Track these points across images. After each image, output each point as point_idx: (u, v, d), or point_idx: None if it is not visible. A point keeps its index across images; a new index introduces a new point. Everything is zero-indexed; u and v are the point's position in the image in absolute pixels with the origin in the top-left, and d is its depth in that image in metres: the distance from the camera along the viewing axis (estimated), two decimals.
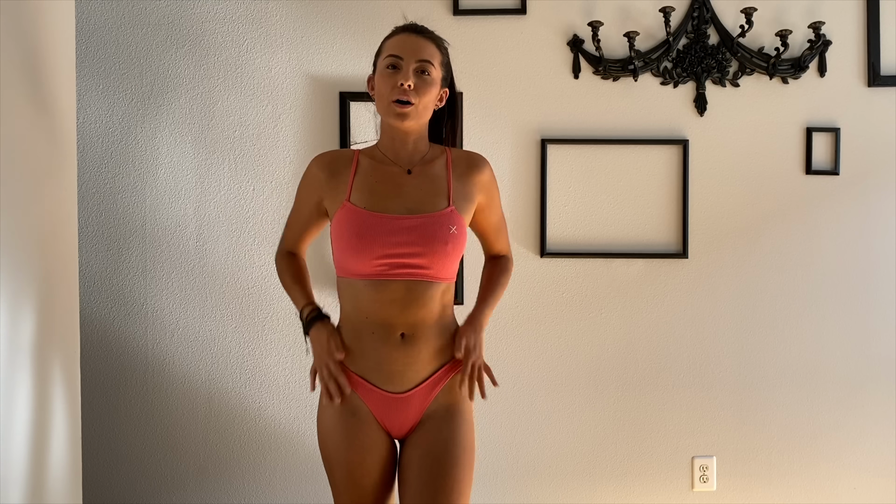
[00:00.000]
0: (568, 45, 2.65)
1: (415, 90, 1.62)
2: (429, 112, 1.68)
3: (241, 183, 2.66)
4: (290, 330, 2.67)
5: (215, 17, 2.65)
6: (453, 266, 1.66)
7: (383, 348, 1.63)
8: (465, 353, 1.65)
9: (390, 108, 1.63)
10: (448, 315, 1.70)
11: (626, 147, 2.65)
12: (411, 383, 1.64)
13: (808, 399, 2.68)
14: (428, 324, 1.64)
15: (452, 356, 1.68)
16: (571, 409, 2.69)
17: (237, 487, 2.68)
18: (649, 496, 2.68)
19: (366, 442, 1.65)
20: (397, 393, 1.64)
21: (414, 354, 1.63)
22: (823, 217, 2.66)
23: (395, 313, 1.62)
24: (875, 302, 2.66)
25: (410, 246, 1.61)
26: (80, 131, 2.59)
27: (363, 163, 1.70)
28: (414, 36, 1.66)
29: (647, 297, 2.67)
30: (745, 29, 2.53)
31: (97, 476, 2.65)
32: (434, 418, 1.65)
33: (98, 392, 2.66)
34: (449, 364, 1.68)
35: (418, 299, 1.62)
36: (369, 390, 1.65)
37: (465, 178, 1.70)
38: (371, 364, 1.65)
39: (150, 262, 2.66)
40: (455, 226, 1.64)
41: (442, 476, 1.61)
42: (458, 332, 1.69)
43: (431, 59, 1.65)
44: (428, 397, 1.66)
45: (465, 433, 1.66)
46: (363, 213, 1.63)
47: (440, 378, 1.67)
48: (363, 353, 1.65)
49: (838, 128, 2.63)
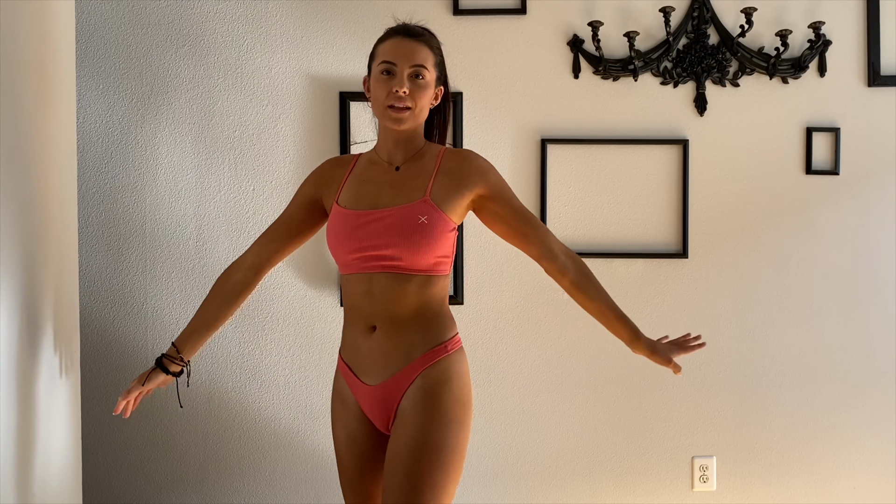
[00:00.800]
0: (568, 45, 2.65)
1: (410, 95, 1.64)
2: (425, 113, 1.70)
3: (241, 183, 2.66)
4: (290, 330, 2.67)
5: (215, 17, 2.65)
6: (428, 258, 1.61)
7: (359, 339, 1.66)
8: (669, 359, 1.74)
9: (386, 113, 1.65)
10: (433, 309, 1.65)
11: (626, 147, 2.65)
12: (383, 376, 1.63)
13: (808, 399, 2.68)
14: (402, 316, 1.62)
15: (427, 349, 1.62)
16: (571, 409, 2.69)
17: (237, 487, 2.68)
18: (649, 496, 2.68)
19: (350, 431, 1.70)
20: (371, 384, 1.65)
21: (384, 348, 1.62)
22: (823, 217, 2.66)
23: (366, 305, 1.64)
24: (875, 302, 2.66)
25: (379, 238, 1.62)
26: (80, 131, 2.59)
27: (359, 165, 1.75)
28: (407, 40, 1.67)
29: (647, 297, 2.67)
30: (745, 29, 2.53)
31: (97, 476, 2.65)
32: (405, 414, 1.61)
33: (98, 392, 2.66)
34: (421, 357, 1.62)
35: (389, 292, 1.62)
36: (352, 380, 1.69)
37: (453, 171, 1.67)
38: (354, 355, 1.69)
39: (150, 262, 2.66)
40: (425, 216, 1.60)
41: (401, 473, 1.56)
42: (659, 359, 1.74)
43: (425, 63, 1.66)
44: (399, 390, 1.62)
45: (435, 431, 1.58)
46: (343, 211, 1.68)
47: (411, 371, 1.62)
48: (348, 344, 1.70)
49: (838, 128, 2.63)
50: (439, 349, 1.64)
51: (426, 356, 1.62)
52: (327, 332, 2.65)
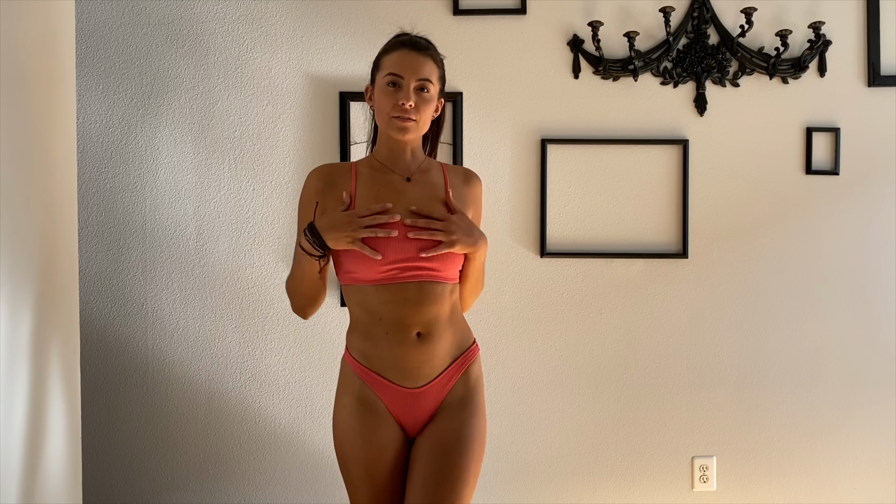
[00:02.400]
0: (568, 45, 2.65)
1: (416, 108, 1.67)
2: (427, 125, 1.74)
3: (241, 183, 2.66)
4: (290, 330, 2.67)
5: (215, 17, 2.65)
6: (458, 266, 1.72)
7: (399, 347, 1.67)
8: (448, 219, 1.65)
9: (392, 123, 1.69)
10: (457, 312, 1.75)
11: (626, 147, 2.65)
12: (427, 378, 1.68)
13: (809, 399, 2.68)
14: (441, 321, 1.69)
15: (464, 350, 1.74)
16: (571, 409, 2.69)
17: (237, 487, 2.68)
18: (649, 496, 2.68)
19: (383, 438, 1.68)
20: (414, 388, 1.68)
21: (430, 351, 1.68)
22: (823, 217, 2.66)
23: (410, 313, 1.65)
24: (875, 302, 2.66)
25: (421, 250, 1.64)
26: (80, 131, 2.60)
27: (362, 172, 1.73)
28: (414, 53, 1.69)
29: (647, 297, 2.67)
30: (745, 29, 2.53)
31: (97, 476, 2.65)
32: (447, 409, 1.69)
33: (98, 392, 2.66)
34: (462, 357, 1.73)
35: (431, 299, 1.66)
36: (385, 386, 1.68)
37: (459, 188, 1.77)
38: (387, 362, 1.68)
39: (150, 262, 2.66)
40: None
41: (449, 465, 1.64)
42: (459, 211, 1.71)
43: (431, 77, 1.69)
44: (443, 391, 1.70)
45: (477, 424, 1.70)
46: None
47: (454, 371, 1.71)
48: (378, 352, 1.68)
49: (838, 128, 2.63)
50: (473, 349, 1.76)
51: (466, 355, 1.74)
52: (327, 332, 2.65)
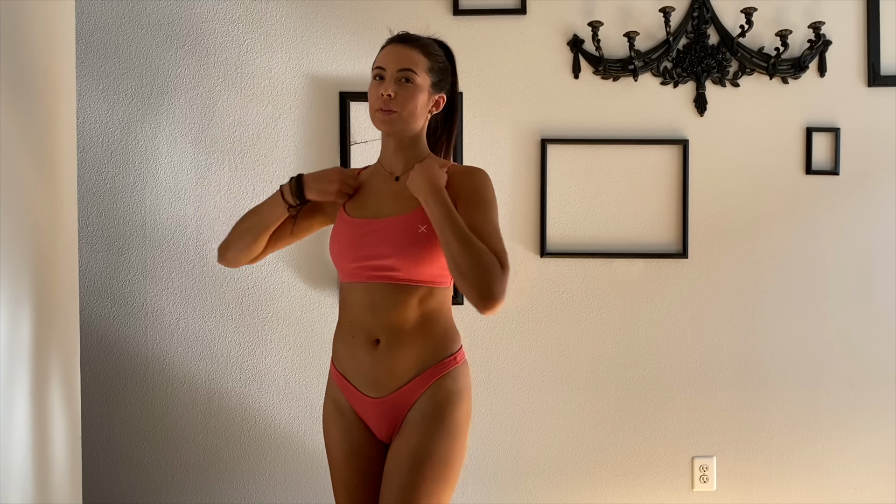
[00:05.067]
0: (568, 45, 2.65)
1: (396, 99, 1.63)
2: (417, 119, 1.67)
3: (241, 183, 2.66)
4: (290, 330, 2.67)
5: (215, 17, 2.65)
6: (428, 268, 1.60)
7: (360, 353, 1.64)
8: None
9: (375, 116, 1.67)
10: (434, 320, 1.64)
11: (626, 147, 2.65)
12: (388, 389, 1.62)
13: (809, 399, 2.68)
14: (405, 329, 1.61)
15: (435, 362, 1.62)
16: (572, 409, 2.69)
17: (237, 487, 2.68)
18: (649, 496, 2.68)
19: (352, 442, 1.68)
20: (375, 398, 1.64)
21: (389, 361, 1.61)
22: (823, 217, 2.66)
23: (369, 318, 1.62)
24: (875, 302, 2.66)
25: (378, 247, 1.61)
26: (80, 131, 2.59)
27: (364, 175, 1.77)
28: (398, 46, 1.68)
29: (647, 297, 2.67)
30: (745, 29, 2.53)
31: (97, 476, 2.65)
32: (410, 424, 1.61)
33: (98, 392, 2.66)
34: (430, 369, 1.62)
35: (390, 303, 1.61)
36: (352, 392, 1.67)
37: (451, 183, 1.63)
38: (351, 368, 1.66)
39: (150, 262, 2.66)
40: (425, 226, 1.59)
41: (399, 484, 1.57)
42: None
43: (413, 67, 1.64)
44: (407, 402, 1.62)
45: (441, 445, 1.58)
46: (347, 219, 1.69)
47: (419, 385, 1.62)
48: (345, 356, 1.68)
49: (838, 128, 2.63)
50: (448, 361, 1.64)
51: (436, 368, 1.63)
52: (327, 333, 2.64)
